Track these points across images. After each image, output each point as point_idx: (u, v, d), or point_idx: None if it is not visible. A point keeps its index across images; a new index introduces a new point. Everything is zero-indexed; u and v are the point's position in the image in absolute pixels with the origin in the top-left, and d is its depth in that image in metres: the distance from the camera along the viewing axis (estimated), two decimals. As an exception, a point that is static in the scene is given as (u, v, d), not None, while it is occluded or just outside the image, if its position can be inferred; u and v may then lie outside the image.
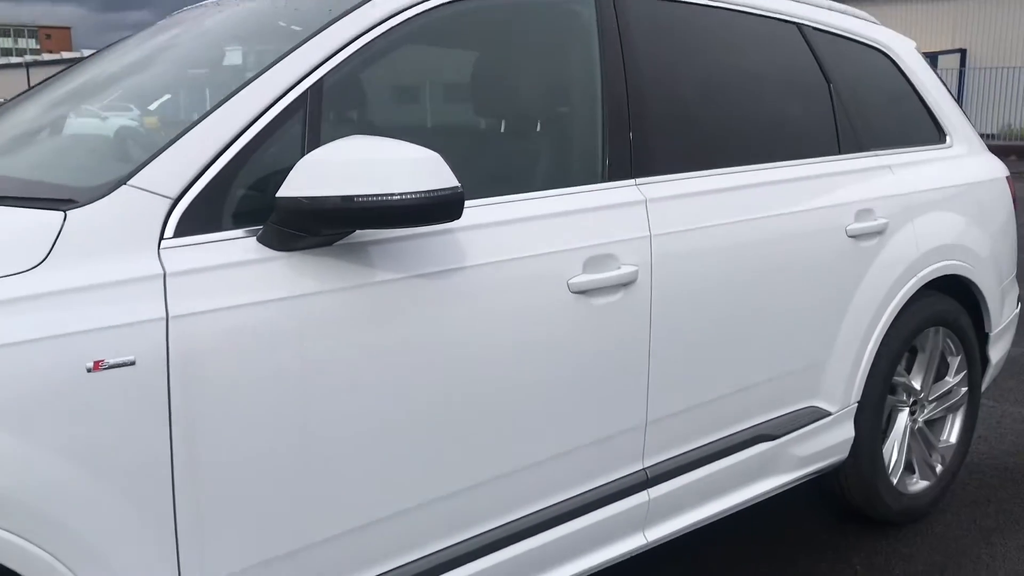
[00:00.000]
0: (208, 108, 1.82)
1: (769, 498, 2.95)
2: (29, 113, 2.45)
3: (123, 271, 1.59)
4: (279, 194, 1.71)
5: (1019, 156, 18.75)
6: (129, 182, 1.67)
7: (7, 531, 1.45)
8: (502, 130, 2.31)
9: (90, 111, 2.38)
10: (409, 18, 2.05)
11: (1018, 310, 3.69)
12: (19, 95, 2.68)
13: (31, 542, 1.47)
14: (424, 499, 1.96)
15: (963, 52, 24.09)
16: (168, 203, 1.68)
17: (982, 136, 3.59)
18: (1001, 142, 20.37)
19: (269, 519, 1.74)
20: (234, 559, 1.71)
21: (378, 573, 1.93)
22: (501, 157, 2.25)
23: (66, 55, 63.73)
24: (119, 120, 2.59)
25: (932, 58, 23.11)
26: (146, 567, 1.60)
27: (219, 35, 2.34)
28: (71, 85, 2.52)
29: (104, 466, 1.54)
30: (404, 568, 1.95)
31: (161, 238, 1.66)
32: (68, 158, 2.12)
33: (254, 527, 1.72)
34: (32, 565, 1.48)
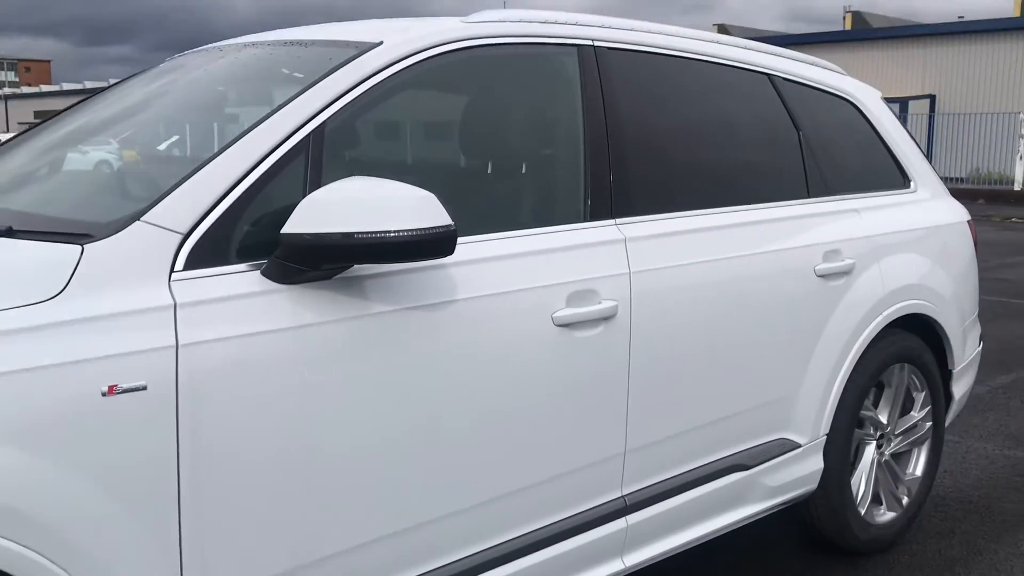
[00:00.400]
0: (216, 150, 1.93)
1: (741, 528, 3.05)
2: (34, 149, 2.55)
3: (136, 302, 1.69)
4: (284, 230, 1.82)
5: (987, 200, 19.18)
6: (142, 218, 1.78)
7: (24, 546, 1.53)
8: (491, 171, 2.44)
9: (79, 148, 2.49)
10: (404, 68, 2.18)
11: (980, 348, 3.84)
12: (21, 133, 2.79)
13: (44, 556, 1.56)
14: (413, 522, 2.06)
15: (932, 98, 24.67)
16: (179, 238, 1.79)
17: (952, 180, 3.77)
18: (970, 186, 20.82)
19: (271, 538, 1.83)
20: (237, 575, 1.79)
21: (369, 593, 2.01)
22: (490, 197, 2.38)
23: (45, 88, 63.70)
24: (98, 154, 2.69)
25: (902, 103, 23.66)
26: (152, 583, 1.69)
27: (221, 79, 2.46)
28: (74, 123, 2.63)
29: (115, 484, 1.63)
30: None
31: (172, 271, 1.76)
32: (74, 193, 2.23)
33: (256, 546, 1.81)
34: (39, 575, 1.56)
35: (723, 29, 34.71)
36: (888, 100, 3.69)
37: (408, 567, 2.07)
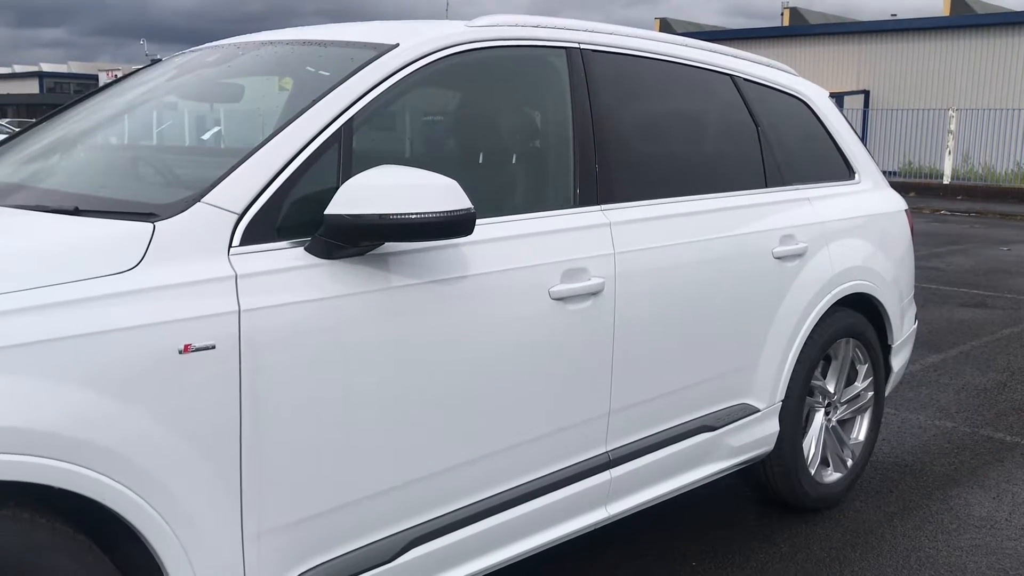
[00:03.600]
0: (259, 141, 2.17)
1: (705, 487, 3.38)
2: (61, 133, 2.75)
3: (203, 272, 1.94)
4: (327, 211, 2.07)
5: (918, 193, 19.94)
6: (203, 199, 2.02)
7: (110, 478, 1.76)
8: (493, 161, 2.71)
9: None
10: (420, 67, 2.44)
11: (915, 326, 4.23)
12: (47, 117, 2.97)
13: (126, 486, 1.78)
14: (428, 471, 2.33)
15: (867, 93, 25.45)
16: (235, 217, 2.03)
17: (885, 173, 4.13)
18: (902, 179, 21.58)
19: (315, 479, 2.09)
20: (286, 511, 2.05)
21: (390, 533, 2.28)
22: (494, 184, 2.65)
23: (-26, 71, 61.81)
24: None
25: (838, 98, 24.37)
26: (215, 513, 1.93)
27: (247, 74, 2.69)
28: (100, 112, 2.83)
29: (188, 429, 1.87)
30: (407, 532, 2.30)
31: (230, 246, 2.00)
32: (124, 176, 2.44)
33: (304, 485, 2.07)
34: (126, 505, 1.78)
35: (665, 23, 35.26)
36: (825, 96, 4.03)
37: (422, 511, 2.34)
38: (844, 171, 3.87)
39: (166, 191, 2.21)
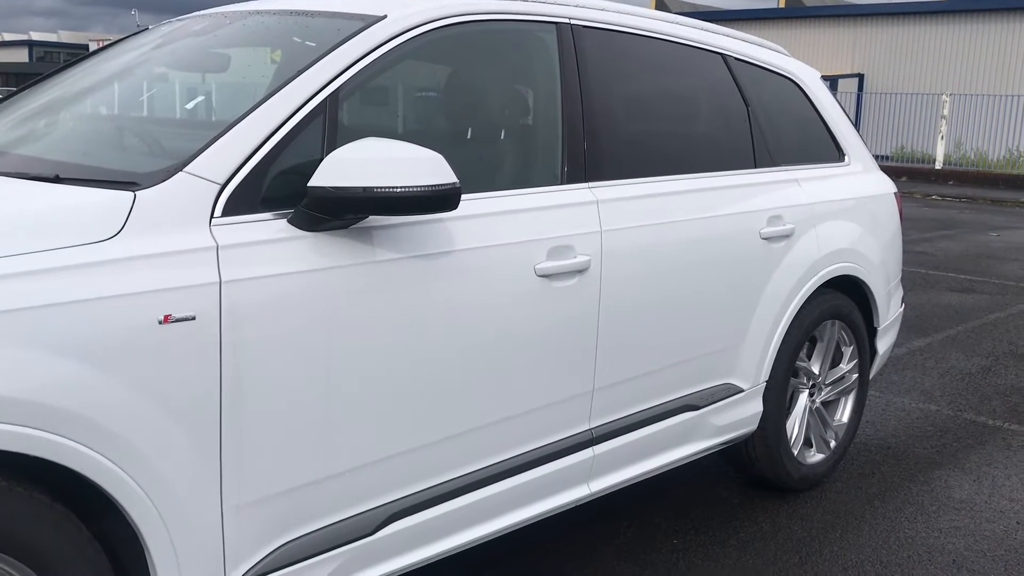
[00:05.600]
0: (243, 111, 2.15)
1: (687, 466, 3.39)
2: (43, 101, 2.72)
3: (184, 243, 1.92)
4: (310, 183, 2.06)
5: (909, 177, 19.96)
6: (185, 169, 2.00)
7: (88, 447, 1.76)
8: (481, 136, 2.70)
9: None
10: (407, 39, 2.42)
11: (902, 309, 4.24)
12: (29, 84, 2.94)
13: (104, 456, 1.78)
14: (412, 445, 2.33)
15: (861, 77, 25.41)
16: (217, 188, 2.01)
17: (877, 158, 4.13)
18: (894, 163, 21.59)
19: (295, 451, 2.09)
20: (267, 484, 2.05)
21: (371, 507, 2.28)
22: (480, 159, 2.64)
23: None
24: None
25: (833, 81, 24.34)
26: (194, 484, 1.93)
27: (235, 44, 2.66)
28: (84, 79, 2.80)
29: (167, 399, 1.87)
30: (388, 506, 2.30)
31: (212, 216, 1.99)
32: (104, 145, 2.42)
33: (284, 457, 2.07)
34: (104, 475, 1.78)
35: (661, 3, 35.09)
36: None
37: (404, 486, 2.34)
38: (834, 153, 3.87)
39: (148, 160, 2.19)
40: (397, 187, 2.05)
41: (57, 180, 2.03)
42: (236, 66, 2.59)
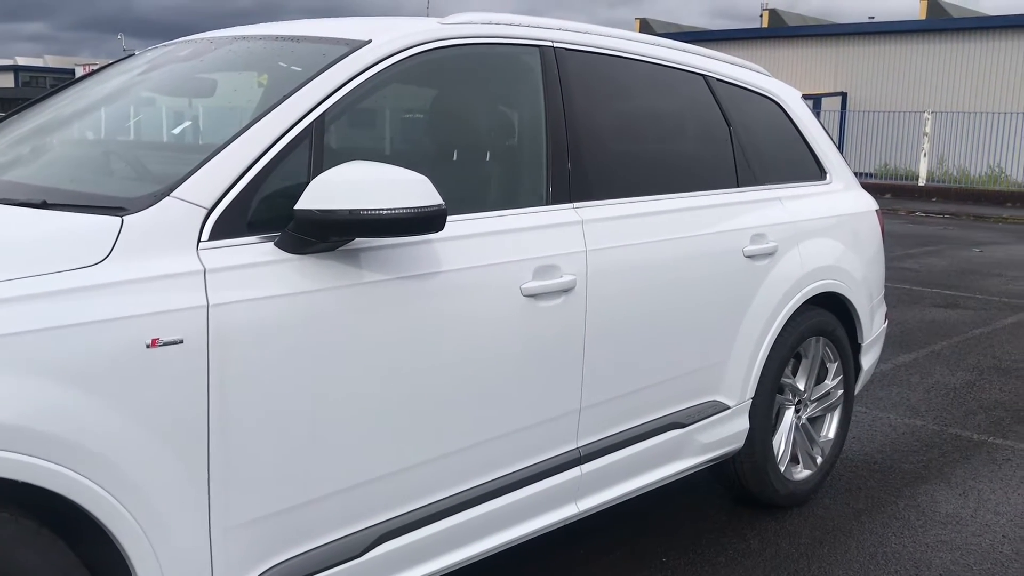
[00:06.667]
0: (229, 136, 2.17)
1: (675, 484, 3.40)
2: (30, 128, 2.73)
3: (172, 267, 1.93)
4: (297, 207, 2.08)
5: (893, 195, 20.11)
6: (172, 194, 2.02)
7: (75, 472, 1.76)
8: (466, 158, 2.72)
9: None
10: (392, 64, 2.44)
11: (885, 325, 4.28)
12: (18, 110, 2.96)
13: (92, 480, 1.78)
14: (398, 466, 2.33)
15: (844, 95, 25.63)
16: (204, 212, 2.03)
17: (861, 175, 4.18)
18: (878, 181, 21.75)
19: (283, 474, 2.09)
20: (255, 506, 2.05)
21: (359, 528, 2.28)
22: (466, 181, 2.66)
23: (-51, 65, 61.01)
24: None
25: (816, 100, 24.54)
26: (182, 507, 1.93)
27: (220, 69, 2.69)
28: (71, 105, 2.82)
29: (155, 423, 1.87)
30: (377, 527, 2.30)
31: (199, 240, 2.00)
32: (92, 171, 2.43)
33: (272, 480, 2.07)
34: (91, 499, 1.78)
35: (645, 24, 35.36)
36: (803, 97, 4.07)
37: (392, 507, 2.35)
38: (816, 171, 3.91)
39: (135, 185, 2.21)
40: (383, 209, 2.07)
41: (45, 206, 2.04)
42: (222, 91, 2.62)
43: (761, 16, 35.26)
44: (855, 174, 4.14)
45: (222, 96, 2.61)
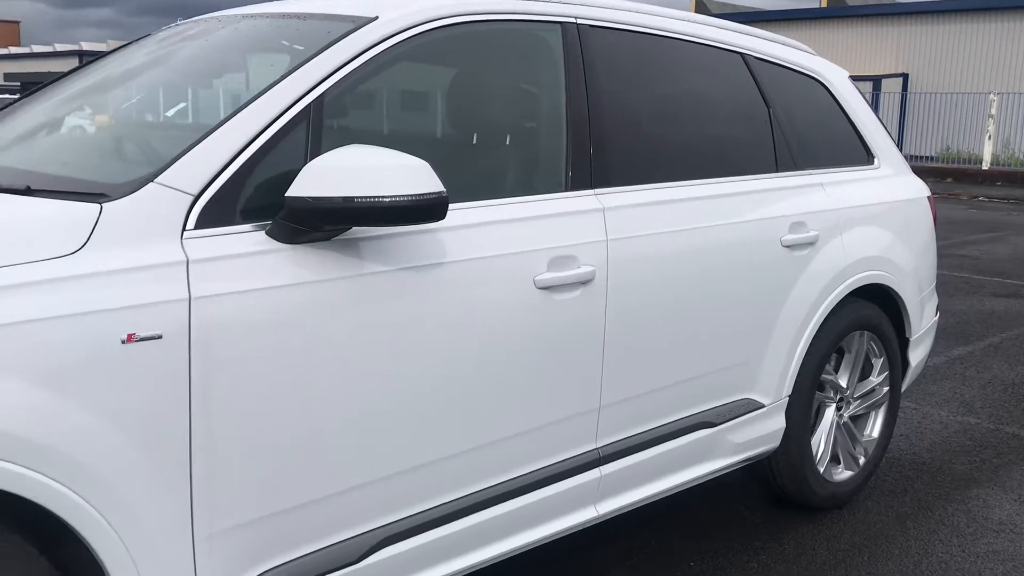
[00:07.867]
0: (221, 117, 2.05)
1: (706, 485, 3.24)
2: (37, 111, 2.65)
3: (152, 257, 1.82)
4: (288, 194, 1.95)
5: (955, 178, 19.49)
6: (156, 180, 1.91)
7: (47, 476, 1.66)
8: (479, 142, 2.58)
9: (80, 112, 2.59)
10: (399, 42, 2.31)
11: (936, 318, 4.04)
12: (26, 95, 2.88)
13: (64, 485, 1.68)
14: (402, 468, 2.21)
15: (905, 76, 24.90)
16: (190, 199, 1.92)
17: (922, 159, 3.95)
18: (940, 164, 21.10)
19: (273, 477, 1.98)
20: (243, 510, 1.94)
21: (357, 533, 2.17)
22: (477, 166, 2.52)
23: (14, 50, 62.34)
24: (73, 120, 2.79)
25: (876, 81, 23.87)
26: (162, 513, 1.83)
27: (224, 49, 2.58)
28: (76, 86, 2.73)
29: (132, 424, 1.77)
30: (377, 531, 2.19)
31: (183, 229, 1.89)
32: (83, 155, 2.34)
33: (259, 483, 1.96)
34: (64, 505, 1.69)
35: (701, 4, 34.71)
36: (862, 78, 3.89)
37: (397, 509, 2.23)
38: (862, 155, 3.69)
39: (122, 170, 2.10)
40: (379, 197, 1.94)
41: (28, 191, 1.95)
42: (226, 71, 2.51)
43: (821, -5, 34.37)
44: (915, 158, 3.93)
45: (225, 76, 2.49)
